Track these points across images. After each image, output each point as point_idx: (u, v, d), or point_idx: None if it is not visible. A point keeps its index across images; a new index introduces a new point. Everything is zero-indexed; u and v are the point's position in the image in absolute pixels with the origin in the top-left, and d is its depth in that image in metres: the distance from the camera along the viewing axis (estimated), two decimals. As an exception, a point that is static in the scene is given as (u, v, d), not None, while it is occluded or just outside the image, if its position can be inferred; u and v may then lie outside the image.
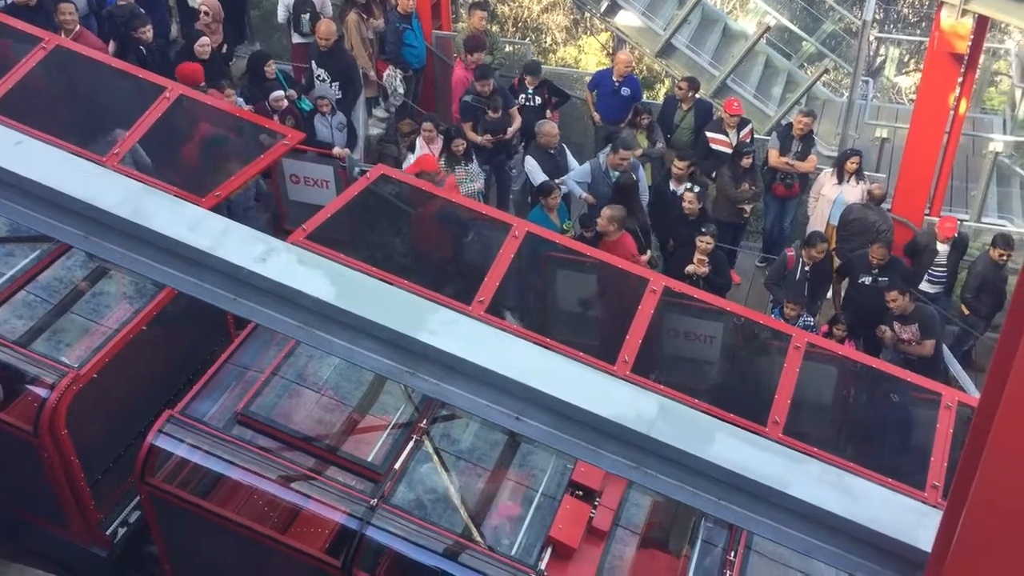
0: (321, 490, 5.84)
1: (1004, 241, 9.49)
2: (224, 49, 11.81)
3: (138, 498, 6.63)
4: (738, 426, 4.41)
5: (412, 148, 10.40)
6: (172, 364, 7.46)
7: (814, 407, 6.82)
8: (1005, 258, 9.43)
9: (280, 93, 10.38)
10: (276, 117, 10.19)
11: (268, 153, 7.25)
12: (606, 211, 9.13)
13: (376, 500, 5.71)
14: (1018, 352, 2.60)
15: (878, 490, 4.00)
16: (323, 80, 11.09)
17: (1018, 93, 13.86)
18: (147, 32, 10.50)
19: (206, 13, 11.39)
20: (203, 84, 9.84)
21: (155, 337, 7.11)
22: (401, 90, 12.02)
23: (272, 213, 11.25)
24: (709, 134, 11.03)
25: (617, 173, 9.98)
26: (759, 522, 3.88)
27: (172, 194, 4.94)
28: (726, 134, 10.96)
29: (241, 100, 10.53)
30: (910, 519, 3.81)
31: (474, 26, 12.31)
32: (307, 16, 11.81)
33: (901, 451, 6.53)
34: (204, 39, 10.67)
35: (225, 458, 5.96)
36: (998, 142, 11.76)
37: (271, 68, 10.69)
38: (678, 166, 10.19)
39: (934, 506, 4.13)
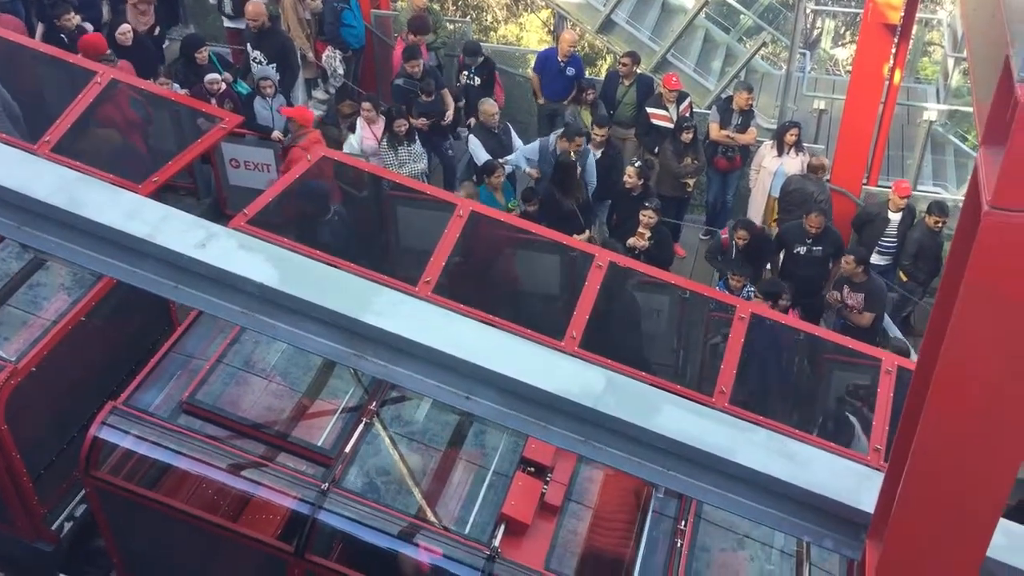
0: (271, 476, 5.80)
1: (939, 208, 9.70)
2: (157, 32, 11.55)
3: (83, 492, 6.52)
4: (685, 397, 4.48)
5: (353, 129, 10.29)
6: (114, 355, 7.33)
7: (760, 376, 6.93)
8: (941, 225, 9.64)
9: (216, 76, 10.20)
10: (214, 101, 10.01)
11: (205, 137, 7.12)
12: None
13: (327, 484, 5.68)
14: (952, 316, 2.67)
15: (822, 455, 4.10)
16: (259, 62, 10.91)
17: (950, 63, 14.14)
18: (71, 20, 10.24)
19: (138, -5, 11.13)
20: (108, 54, 9.64)
21: (95, 328, 6.97)
22: (341, 71, 11.87)
23: (213, 198, 11.07)
24: (649, 110, 11.09)
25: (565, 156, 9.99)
26: (707, 490, 3.96)
27: (108, 182, 4.84)
28: (666, 109, 11.03)
29: (176, 85, 10.33)
30: (853, 482, 3.91)
31: (415, 5, 12.20)
32: None
33: (844, 416, 6.67)
34: (124, 26, 10.43)
35: (172, 448, 5.89)
36: (932, 111, 11.99)
37: (203, 55, 10.49)
38: (597, 132, 10.25)
39: (877, 469, 4.23)
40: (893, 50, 10.32)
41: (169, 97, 8.51)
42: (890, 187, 10.27)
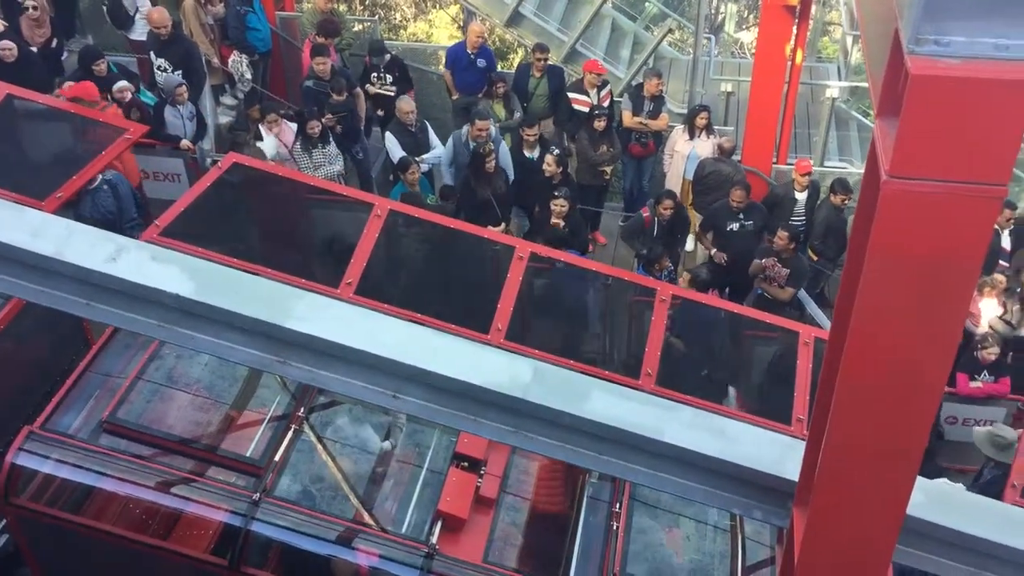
0: (200, 491, 5.69)
1: (842, 186, 9.99)
2: (54, 44, 11.19)
3: (4, 521, 6.31)
4: (613, 382, 4.53)
5: (259, 136, 10.12)
6: (27, 378, 7.09)
7: (684, 356, 7.06)
8: (846, 202, 9.92)
9: (125, 83, 9.91)
10: (120, 110, 9.73)
11: (110, 149, 6.93)
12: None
13: (258, 494, 5.61)
14: (860, 283, 2.76)
15: (747, 428, 4.19)
16: (164, 70, 10.65)
17: (849, 41, 14.55)
18: None
19: (34, 7, 10.74)
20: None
21: (5, 351, 6.74)
22: (249, 75, 11.67)
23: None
24: (571, 95, 11.20)
25: (477, 145, 9.99)
26: (638, 471, 4.01)
27: (9, 200, 4.68)
28: (587, 94, 11.14)
29: (76, 97, 10.01)
30: (778, 452, 4.01)
31: (319, 5, 12.05)
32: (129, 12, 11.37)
33: (767, 389, 6.84)
34: (5, 42, 10.01)
35: (95, 470, 5.75)
36: (834, 88, 12.34)
37: (101, 67, 10.19)
38: (528, 133, 10.30)
39: (800, 438, 4.35)
40: (794, 31, 10.58)
41: (70, 110, 8.26)
42: (804, 159, 10.54)
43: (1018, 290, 9.67)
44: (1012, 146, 2.45)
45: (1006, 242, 10.21)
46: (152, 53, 10.73)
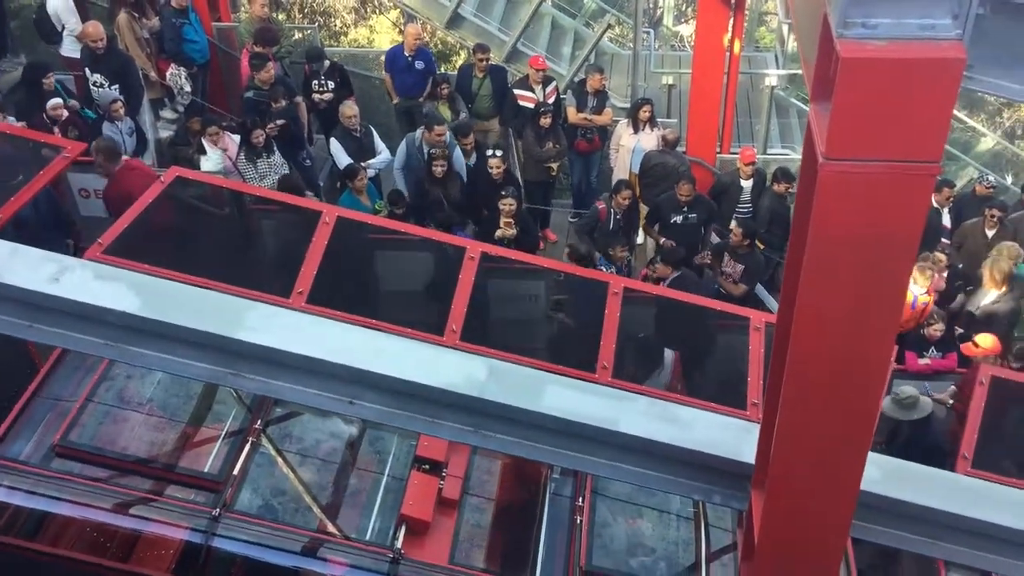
0: (159, 510, 5.62)
1: (784, 175, 10.13)
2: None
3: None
4: (570, 377, 4.57)
5: (202, 150, 9.99)
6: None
7: (639, 348, 7.11)
8: (789, 190, 10.07)
9: (58, 100, 9.72)
10: (57, 129, 9.54)
11: (48, 168, 6.79)
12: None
13: (218, 509, 5.55)
14: (803, 264, 2.81)
15: (703, 415, 4.25)
16: (100, 85, 10.47)
17: (785, 29, 14.74)
18: None
19: (-40, 28, 10.52)
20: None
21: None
22: (188, 88, 11.50)
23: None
24: (516, 91, 11.22)
25: (433, 149, 9.97)
26: (597, 463, 4.05)
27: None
28: (533, 91, 11.18)
29: (12, 118, 9.79)
30: (733, 436, 4.07)
31: (255, 14, 11.93)
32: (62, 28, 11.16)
33: (722, 376, 6.91)
34: None
35: (48, 495, 5.64)
36: (773, 77, 12.49)
37: (49, 81, 10.00)
38: (464, 142, 10.30)
39: (756, 422, 4.41)
40: (731, 22, 10.71)
41: (3, 131, 8.07)
42: (747, 148, 10.68)
43: (959, 266, 9.89)
44: (942, 123, 2.51)
45: (947, 220, 10.44)
46: (87, 69, 10.55)
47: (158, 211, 6.52)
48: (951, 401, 7.72)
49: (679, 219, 9.95)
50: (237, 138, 9.95)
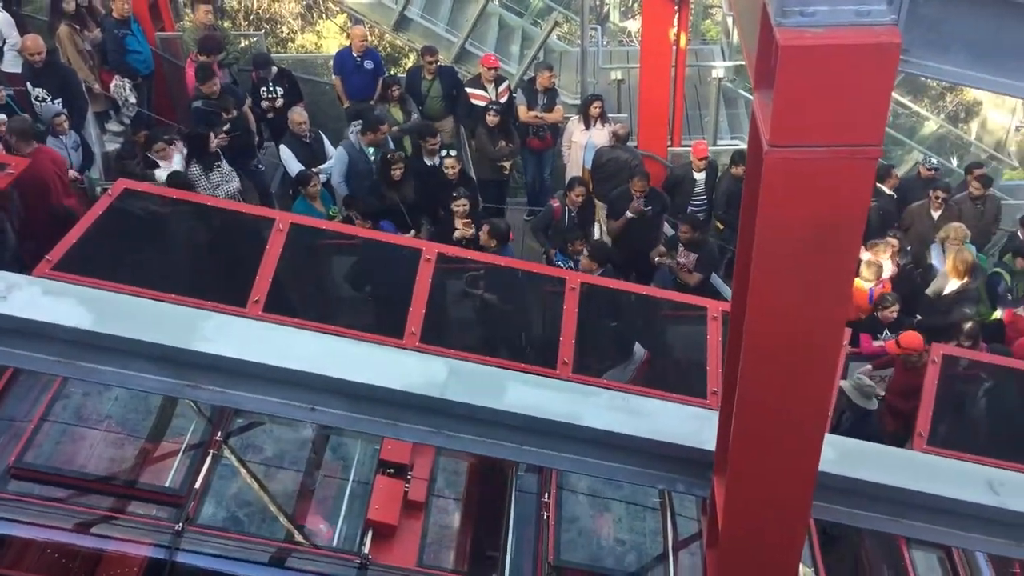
0: (120, 527, 5.54)
1: (742, 157, 10.25)
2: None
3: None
4: (531, 374, 4.58)
5: (151, 164, 9.85)
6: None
7: (599, 342, 7.14)
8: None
9: (1, 116, 9.54)
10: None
11: (-9, 186, 6.66)
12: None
13: (181, 524, 5.48)
14: (753, 251, 2.84)
15: (663, 405, 4.29)
16: (42, 100, 10.29)
17: (730, 21, 14.91)
18: None
19: None
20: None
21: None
22: (133, 100, 11.33)
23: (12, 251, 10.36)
24: (469, 90, 11.24)
25: (390, 154, 9.94)
26: (561, 458, 4.07)
27: None
28: (485, 89, 11.19)
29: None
30: (694, 425, 4.11)
31: (199, 22, 11.80)
32: None
33: (681, 366, 6.96)
34: None
35: (6, 517, 5.53)
36: (719, 69, 12.62)
37: (0, 95, 9.81)
38: (431, 142, 10.29)
39: (716, 410, 4.46)
40: (676, 16, 10.82)
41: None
42: (700, 142, 10.81)
43: (908, 248, 10.07)
44: (882, 107, 2.56)
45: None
46: (28, 83, 10.35)
47: (106, 225, 6.43)
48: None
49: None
50: (177, 153, 9.84)
